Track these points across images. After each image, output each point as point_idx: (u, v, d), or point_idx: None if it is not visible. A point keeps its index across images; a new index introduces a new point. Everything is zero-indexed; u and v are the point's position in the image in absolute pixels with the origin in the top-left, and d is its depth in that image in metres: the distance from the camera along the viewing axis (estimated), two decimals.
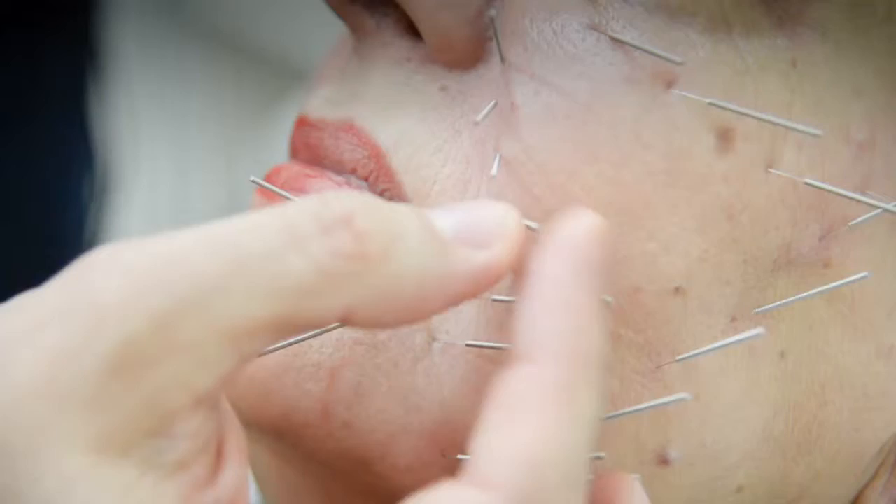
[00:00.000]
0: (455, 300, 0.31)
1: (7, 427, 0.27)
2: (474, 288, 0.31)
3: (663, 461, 0.35)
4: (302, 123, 0.39)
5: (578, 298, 0.30)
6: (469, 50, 0.36)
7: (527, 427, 0.29)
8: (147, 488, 0.28)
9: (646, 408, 0.34)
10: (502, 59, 0.35)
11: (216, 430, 0.29)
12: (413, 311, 0.30)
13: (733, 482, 0.36)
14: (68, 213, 0.81)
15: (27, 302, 0.29)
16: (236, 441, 0.30)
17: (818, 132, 0.34)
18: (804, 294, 0.35)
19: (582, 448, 0.29)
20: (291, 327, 0.29)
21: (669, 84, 0.34)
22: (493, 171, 0.34)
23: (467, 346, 0.35)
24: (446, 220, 0.31)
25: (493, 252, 0.31)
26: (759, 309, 0.35)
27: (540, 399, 0.29)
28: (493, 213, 0.31)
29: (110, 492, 0.27)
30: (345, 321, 0.29)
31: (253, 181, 0.37)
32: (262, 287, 0.28)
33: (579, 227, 0.31)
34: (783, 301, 0.35)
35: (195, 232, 0.29)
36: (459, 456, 0.34)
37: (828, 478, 0.37)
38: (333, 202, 0.29)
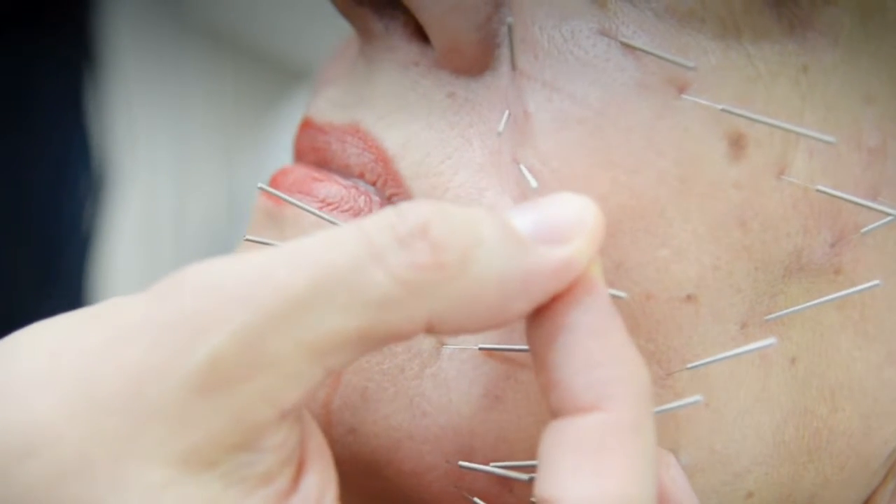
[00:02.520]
0: (538, 299, 0.31)
1: (87, 439, 0.27)
2: (556, 285, 0.31)
3: None
4: (308, 126, 0.39)
5: (619, 341, 0.31)
6: (477, 56, 0.36)
7: (613, 470, 0.29)
8: (231, 502, 0.28)
9: (660, 411, 0.33)
10: (514, 67, 0.35)
11: (299, 440, 0.30)
12: (497, 315, 0.30)
13: (743, 488, 0.36)
14: (64, 212, 0.81)
15: (109, 312, 0.29)
16: (317, 446, 0.30)
17: (831, 139, 0.34)
18: (815, 301, 0.34)
19: (655, 479, 0.30)
20: (376, 339, 0.29)
21: (681, 90, 0.34)
22: (533, 184, 0.34)
23: (480, 349, 0.34)
24: (524, 218, 0.31)
25: (573, 247, 0.31)
26: (770, 316, 0.35)
27: (619, 443, 0.30)
28: (572, 208, 0.31)
29: None
30: (429, 330, 0.30)
31: (260, 188, 0.37)
32: (344, 301, 0.28)
33: (591, 268, 0.31)
34: (794, 308, 0.35)
35: (278, 249, 0.29)
36: (461, 463, 0.35)
37: (837, 483, 0.37)
38: (408, 213, 0.30)
